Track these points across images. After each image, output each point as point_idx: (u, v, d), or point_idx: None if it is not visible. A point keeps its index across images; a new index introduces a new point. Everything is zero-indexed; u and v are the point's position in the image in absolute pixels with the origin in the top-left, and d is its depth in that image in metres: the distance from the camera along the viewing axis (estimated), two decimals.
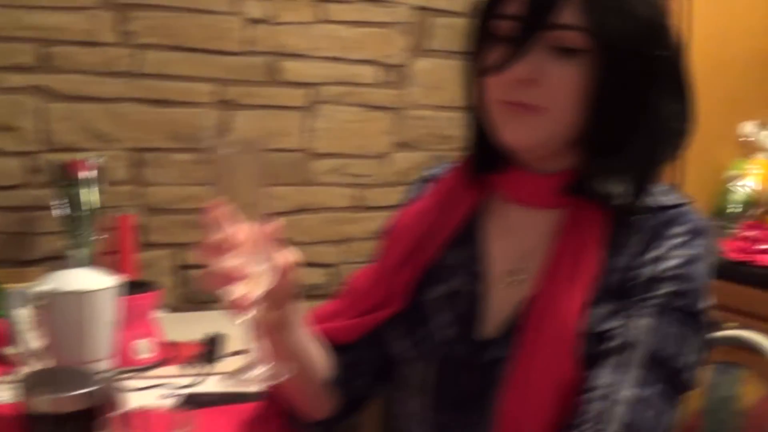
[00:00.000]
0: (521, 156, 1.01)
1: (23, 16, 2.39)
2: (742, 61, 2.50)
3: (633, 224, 1.00)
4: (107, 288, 1.62)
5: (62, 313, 1.57)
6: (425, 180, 1.20)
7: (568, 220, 1.00)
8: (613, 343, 0.95)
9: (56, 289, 1.56)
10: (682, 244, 0.98)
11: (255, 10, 2.68)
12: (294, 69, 2.76)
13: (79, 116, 2.48)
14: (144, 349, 1.78)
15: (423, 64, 2.93)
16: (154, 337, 1.83)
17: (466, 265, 1.08)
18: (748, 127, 2.45)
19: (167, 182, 2.63)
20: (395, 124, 2.93)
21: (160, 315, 1.98)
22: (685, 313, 0.97)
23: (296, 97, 2.78)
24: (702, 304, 0.98)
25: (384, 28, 2.88)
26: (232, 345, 1.84)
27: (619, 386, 0.92)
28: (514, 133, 0.96)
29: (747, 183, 2.36)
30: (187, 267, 2.67)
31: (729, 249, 2.15)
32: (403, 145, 2.94)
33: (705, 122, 2.38)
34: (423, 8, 2.91)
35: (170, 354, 1.83)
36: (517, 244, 1.06)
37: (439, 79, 2.93)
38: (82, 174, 2.09)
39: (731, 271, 2.11)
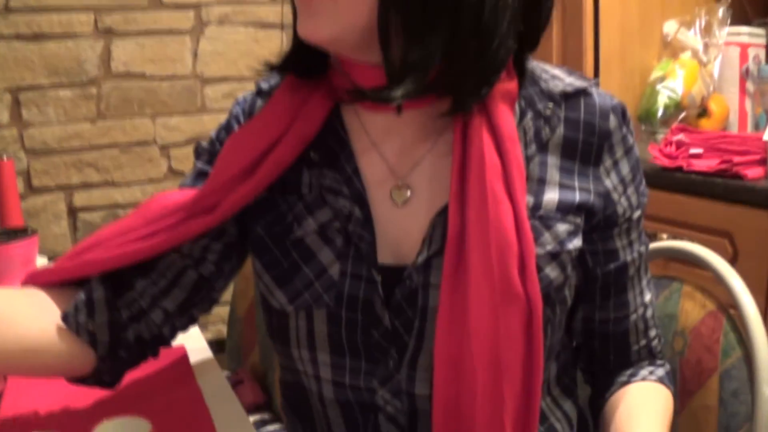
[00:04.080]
0: (334, 52, 0.86)
1: None
2: None
3: (542, 117, 0.87)
4: None
5: None
6: (261, 92, 1.02)
7: (456, 121, 0.84)
8: (631, 271, 0.95)
9: None
10: (622, 139, 0.90)
11: None
12: None
13: None
14: None
15: None
16: None
17: (335, 190, 0.89)
18: (671, 26, 2.32)
19: (50, 122, 2.45)
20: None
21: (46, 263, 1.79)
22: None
23: (181, 19, 2.61)
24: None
25: None
26: None
27: (641, 303, 0.97)
28: (306, 27, 0.82)
29: (672, 85, 2.22)
30: (78, 210, 2.52)
31: (659, 155, 2.03)
32: None
33: (625, 21, 2.35)
34: None
35: None
36: (392, 156, 0.89)
37: None
38: None
39: (663, 179, 1.99)
